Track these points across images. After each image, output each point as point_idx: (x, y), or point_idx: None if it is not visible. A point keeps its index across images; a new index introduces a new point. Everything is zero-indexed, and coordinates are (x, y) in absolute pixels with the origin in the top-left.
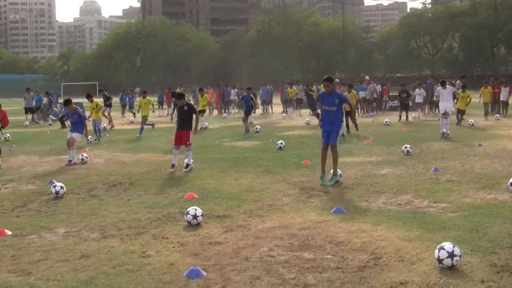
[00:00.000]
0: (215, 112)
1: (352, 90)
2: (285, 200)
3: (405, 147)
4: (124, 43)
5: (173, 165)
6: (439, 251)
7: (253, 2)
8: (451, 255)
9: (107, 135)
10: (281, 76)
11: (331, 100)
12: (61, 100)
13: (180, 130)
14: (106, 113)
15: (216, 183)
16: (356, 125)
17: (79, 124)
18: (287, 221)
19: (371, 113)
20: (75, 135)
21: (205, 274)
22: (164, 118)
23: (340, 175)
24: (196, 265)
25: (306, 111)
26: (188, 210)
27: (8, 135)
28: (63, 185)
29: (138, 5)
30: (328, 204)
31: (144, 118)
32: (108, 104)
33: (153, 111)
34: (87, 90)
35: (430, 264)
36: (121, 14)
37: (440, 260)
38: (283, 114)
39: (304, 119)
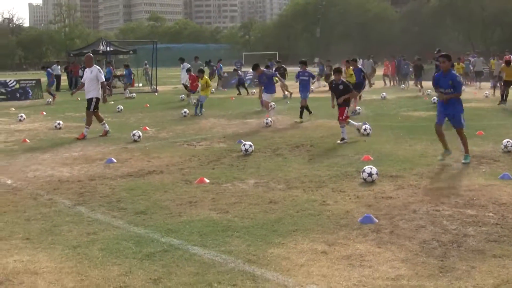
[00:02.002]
0: (392, 83)
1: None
2: (456, 166)
3: None
4: (304, 13)
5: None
6: None
7: None
8: None
9: (288, 102)
10: (463, 47)
11: (446, 82)
12: (244, 69)
13: (339, 107)
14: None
15: (391, 148)
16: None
17: (269, 85)
18: (455, 183)
19: None
20: (266, 96)
21: (377, 220)
22: None
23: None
24: (369, 213)
25: (487, 84)
26: (364, 168)
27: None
28: (252, 144)
29: None
30: (497, 171)
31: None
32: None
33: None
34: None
35: None
36: None
37: None
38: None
39: (483, 92)
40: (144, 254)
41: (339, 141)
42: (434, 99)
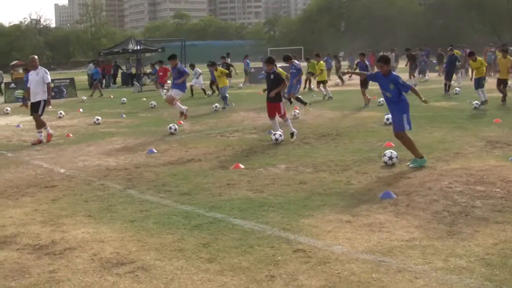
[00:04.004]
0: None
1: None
2: (470, 150)
3: None
4: (328, 8)
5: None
6: None
7: None
8: None
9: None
10: (489, 39)
11: (386, 84)
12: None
13: (269, 102)
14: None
15: (412, 135)
16: None
17: (179, 82)
18: (468, 165)
19: None
20: (174, 91)
21: (395, 196)
22: None
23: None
24: (388, 190)
25: None
26: (385, 152)
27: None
28: (282, 133)
29: None
30: (508, 154)
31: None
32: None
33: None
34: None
35: None
36: None
37: None
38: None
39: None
40: (192, 225)
41: (291, 139)
42: (456, 90)
